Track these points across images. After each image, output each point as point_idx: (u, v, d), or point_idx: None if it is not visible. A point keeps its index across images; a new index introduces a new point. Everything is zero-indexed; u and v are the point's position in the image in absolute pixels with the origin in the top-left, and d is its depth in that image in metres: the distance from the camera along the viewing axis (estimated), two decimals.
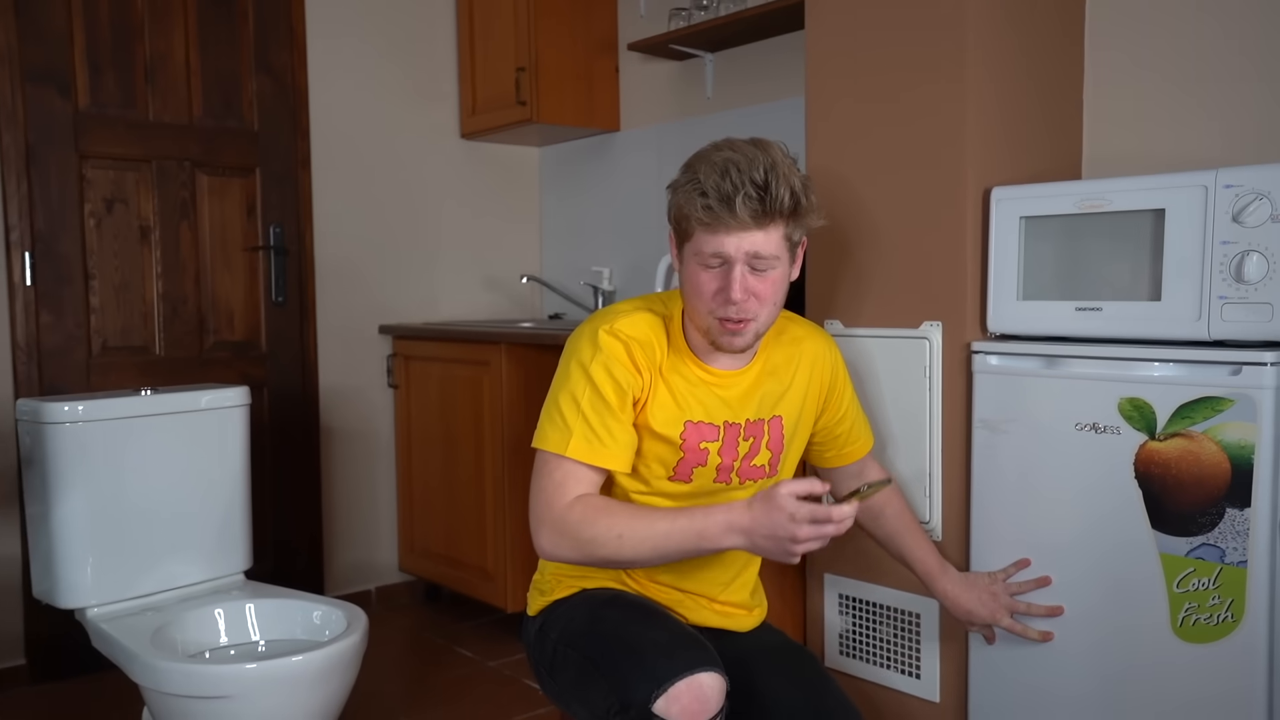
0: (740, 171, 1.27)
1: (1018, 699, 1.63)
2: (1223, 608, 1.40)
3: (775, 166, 1.28)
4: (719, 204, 1.27)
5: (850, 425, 1.59)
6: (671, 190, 1.36)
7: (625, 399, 1.36)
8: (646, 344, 1.38)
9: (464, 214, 3.33)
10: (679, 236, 1.37)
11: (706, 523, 1.27)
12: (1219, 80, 1.77)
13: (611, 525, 1.30)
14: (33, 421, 2.02)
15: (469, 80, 3.21)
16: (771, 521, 1.22)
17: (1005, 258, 1.64)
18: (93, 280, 2.62)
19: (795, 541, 1.22)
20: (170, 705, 1.73)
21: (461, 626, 2.96)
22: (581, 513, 1.32)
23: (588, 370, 1.36)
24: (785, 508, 1.21)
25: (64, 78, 2.55)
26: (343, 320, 3.07)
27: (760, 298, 1.33)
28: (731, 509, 1.27)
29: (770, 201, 1.27)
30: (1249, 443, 1.37)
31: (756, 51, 2.72)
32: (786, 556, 1.25)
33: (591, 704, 1.32)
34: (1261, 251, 1.38)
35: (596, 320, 1.41)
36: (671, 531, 1.28)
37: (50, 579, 2.04)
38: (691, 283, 1.35)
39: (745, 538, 1.26)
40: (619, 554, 1.30)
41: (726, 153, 1.30)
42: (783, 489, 1.22)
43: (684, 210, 1.32)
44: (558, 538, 1.33)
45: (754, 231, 1.29)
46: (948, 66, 1.65)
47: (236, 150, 2.84)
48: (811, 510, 1.21)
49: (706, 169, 1.30)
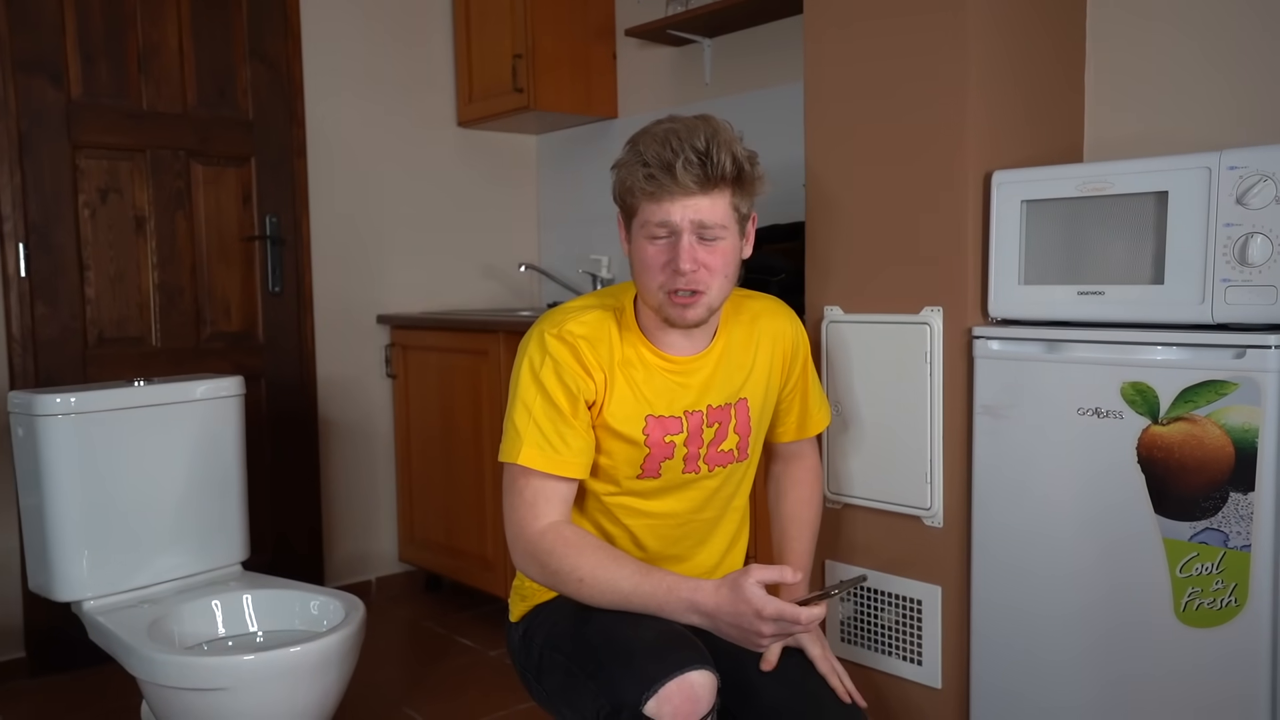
0: (680, 139, 1.27)
1: (1020, 684, 1.62)
2: (1226, 592, 1.39)
3: (716, 134, 1.28)
4: (661, 171, 1.26)
5: (796, 401, 1.56)
6: (615, 169, 1.35)
7: (577, 404, 1.34)
8: (596, 341, 1.36)
9: (461, 202, 3.31)
10: (626, 214, 1.36)
11: (669, 598, 1.25)
12: (1222, 62, 1.75)
13: (576, 567, 1.29)
14: (25, 414, 2.01)
15: (465, 68, 3.19)
16: (737, 613, 1.21)
17: (1006, 242, 1.62)
18: (88, 271, 2.60)
19: (761, 636, 1.21)
20: (168, 697, 1.72)
21: (461, 616, 2.95)
22: (551, 545, 1.31)
23: (538, 376, 1.35)
24: (753, 602, 1.19)
25: (56, 67, 2.53)
26: (340, 310, 3.05)
27: (710, 269, 1.31)
28: (698, 589, 1.25)
29: (712, 167, 1.27)
30: (1253, 426, 1.35)
31: (755, 36, 2.70)
32: (752, 647, 1.25)
33: (581, 708, 1.29)
34: (1266, 234, 1.37)
35: (544, 323, 1.39)
36: (632, 596, 1.27)
37: (46, 572, 2.03)
38: (640, 258, 1.33)
39: (708, 621, 1.24)
40: (578, 595, 1.31)
41: (667, 124, 1.30)
42: (751, 578, 1.20)
43: (627, 184, 1.31)
44: (527, 561, 1.34)
45: (698, 197, 1.28)
46: (948, 49, 1.63)
47: (231, 139, 2.82)
48: (779, 610, 1.19)
49: (647, 141, 1.30)
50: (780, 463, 1.64)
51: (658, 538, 1.45)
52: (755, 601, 1.19)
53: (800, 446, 1.63)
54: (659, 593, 1.26)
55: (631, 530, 1.44)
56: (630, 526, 1.44)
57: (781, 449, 1.63)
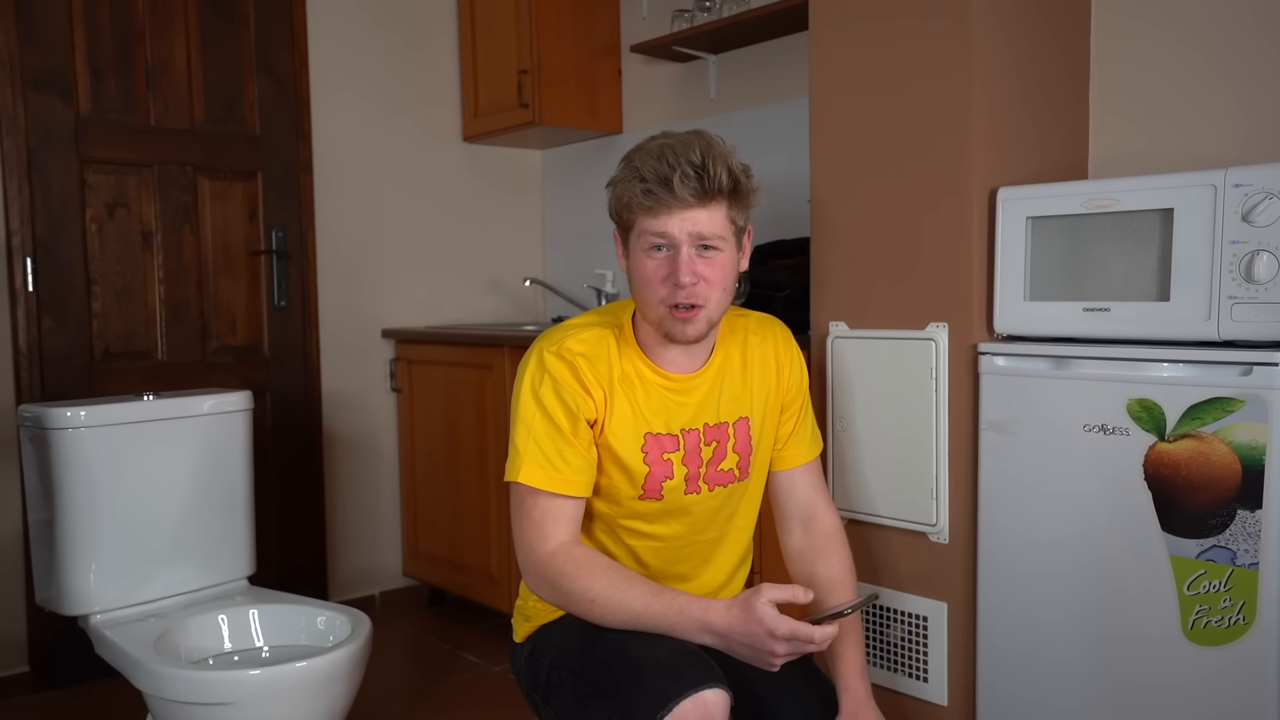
0: (676, 154, 1.28)
1: (1026, 702, 1.62)
2: (1234, 610, 1.39)
3: (711, 148, 1.29)
4: (658, 185, 1.27)
5: (793, 427, 1.51)
6: (611, 186, 1.35)
7: (578, 422, 1.34)
8: (596, 358, 1.36)
9: (466, 217, 3.32)
10: (623, 230, 1.36)
11: (680, 619, 1.25)
12: (1227, 79, 1.76)
13: (587, 589, 1.29)
14: (35, 427, 2.01)
15: (471, 83, 3.21)
16: (749, 633, 1.21)
17: (1012, 258, 1.63)
18: (94, 285, 2.61)
19: (774, 656, 1.21)
20: (174, 712, 1.72)
21: (466, 631, 2.95)
22: (561, 566, 1.31)
23: (538, 395, 1.35)
24: (765, 622, 1.19)
25: (65, 83, 2.55)
26: (345, 324, 3.06)
27: (709, 282, 1.31)
28: (710, 609, 1.25)
29: (708, 179, 1.27)
30: (1260, 443, 1.35)
31: (760, 53, 2.71)
32: (765, 667, 1.24)
33: None
34: (1272, 251, 1.37)
35: (543, 341, 1.39)
36: (643, 615, 1.27)
37: (53, 586, 2.03)
38: (639, 273, 1.34)
39: (721, 641, 1.24)
40: (589, 615, 1.31)
41: (662, 140, 1.31)
42: (763, 597, 1.20)
43: (624, 199, 1.32)
44: (539, 583, 1.35)
45: (696, 210, 1.29)
46: (952, 66, 1.64)
47: (238, 154, 2.83)
48: (792, 629, 1.19)
49: (643, 156, 1.30)
50: (801, 532, 1.52)
51: (661, 558, 1.45)
52: (768, 621, 1.19)
53: (813, 502, 1.52)
54: (670, 613, 1.26)
55: (634, 550, 1.44)
56: (633, 546, 1.44)
57: (795, 507, 1.53)
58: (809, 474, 1.53)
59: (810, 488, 1.53)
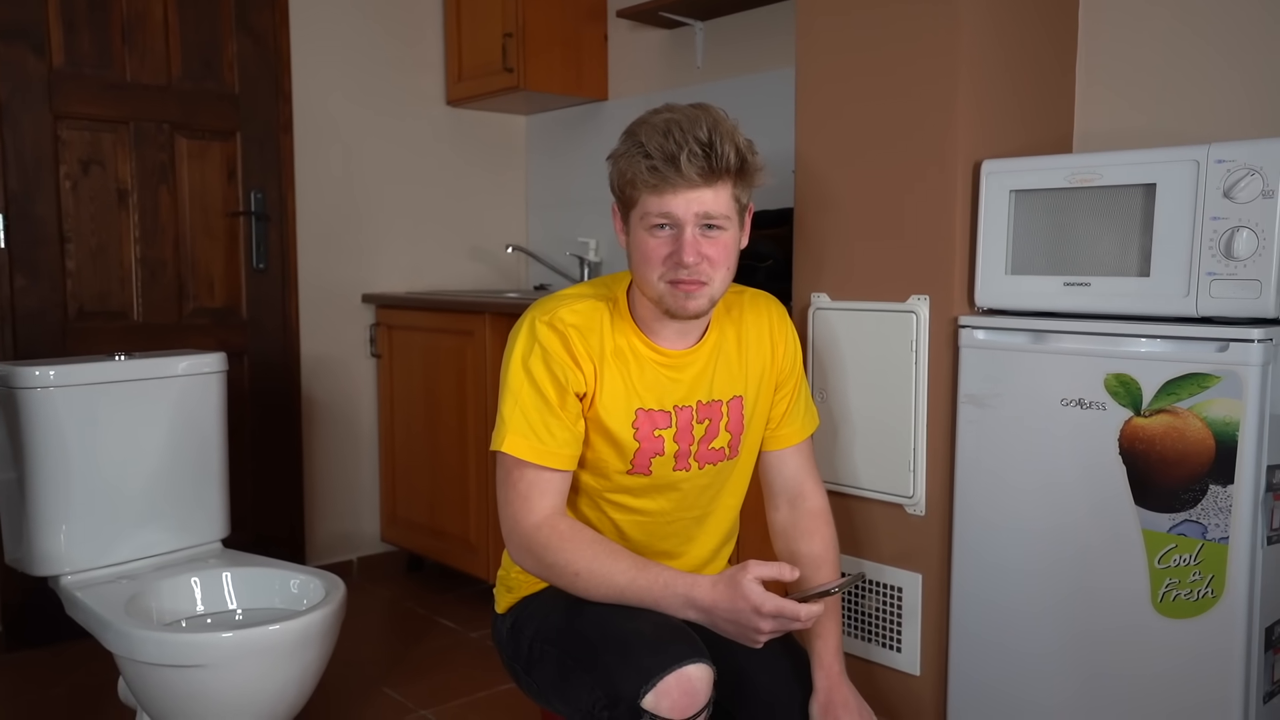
0: (683, 130, 1.24)
1: (997, 672, 1.63)
2: (1203, 583, 1.41)
3: (718, 125, 1.26)
4: (664, 163, 1.24)
5: (786, 406, 1.50)
6: (612, 160, 1.32)
7: (565, 394, 1.32)
8: (588, 330, 1.34)
9: (449, 182, 3.29)
10: (624, 205, 1.33)
11: (665, 593, 1.25)
12: (1211, 56, 1.75)
13: (571, 561, 1.28)
14: (4, 386, 1.99)
15: (455, 46, 3.16)
16: (735, 609, 1.20)
17: (994, 232, 1.62)
18: (69, 243, 2.57)
19: (759, 633, 1.21)
20: (145, 674, 1.71)
21: (443, 597, 2.95)
22: (546, 538, 1.30)
23: (526, 365, 1.33)
24: (751, 599, 1.19)
25: (38, 35, 2.49)
26: (325, 288, 3.03)
27: (713, 261, 1.29)
28: (695, 584, 1.24)
29: (716, 159, 1.24)
30: (1234, 419, 1.36)
31: (747, 20, 2.68)
32: (749, 644, 1.24)
33: (575, 700, 1.28)
34: (1251, 228, 1.37)
35: (536, 310, 1.37)
36: (628, 590, 1.26)
37: (23, 546, 2.01)
38: (640, 251, 1.31)
39: (705, 616, 1.24)
40: (573, 588, 1.30)
41: (666, 114, 1.27)
42: (750, 574, 1.19)
43: (628, 175, 1.28)
44: (523, 555, 1.33)
45: (702, 190, 1.26)
46: (939, 39, 1.62)
47: (216, 113, 2.79)
48: (778, 607, 1.18)
49: (648, 132, 1.26)
50: (787, 509, 1.51)
51: (645, 533, 1.44)
52: (754, 598, 1.19)
53: (801, 480, 1.51)
54: (655, 587, 1.25)
55: (618, 524, 1.43)
56: (617, 521, 1.43)
57: (783, 485, 1.52)
58: (799, 453, 1.52)
59: (799, 467, 1.52)
